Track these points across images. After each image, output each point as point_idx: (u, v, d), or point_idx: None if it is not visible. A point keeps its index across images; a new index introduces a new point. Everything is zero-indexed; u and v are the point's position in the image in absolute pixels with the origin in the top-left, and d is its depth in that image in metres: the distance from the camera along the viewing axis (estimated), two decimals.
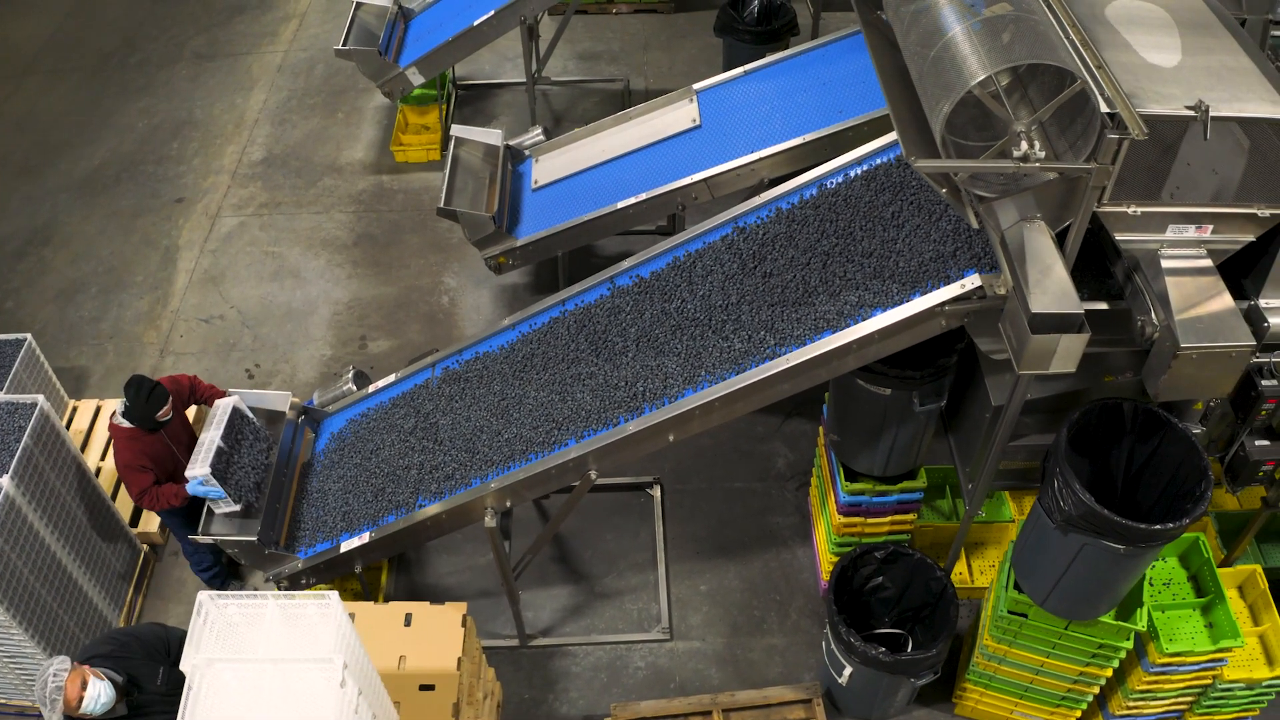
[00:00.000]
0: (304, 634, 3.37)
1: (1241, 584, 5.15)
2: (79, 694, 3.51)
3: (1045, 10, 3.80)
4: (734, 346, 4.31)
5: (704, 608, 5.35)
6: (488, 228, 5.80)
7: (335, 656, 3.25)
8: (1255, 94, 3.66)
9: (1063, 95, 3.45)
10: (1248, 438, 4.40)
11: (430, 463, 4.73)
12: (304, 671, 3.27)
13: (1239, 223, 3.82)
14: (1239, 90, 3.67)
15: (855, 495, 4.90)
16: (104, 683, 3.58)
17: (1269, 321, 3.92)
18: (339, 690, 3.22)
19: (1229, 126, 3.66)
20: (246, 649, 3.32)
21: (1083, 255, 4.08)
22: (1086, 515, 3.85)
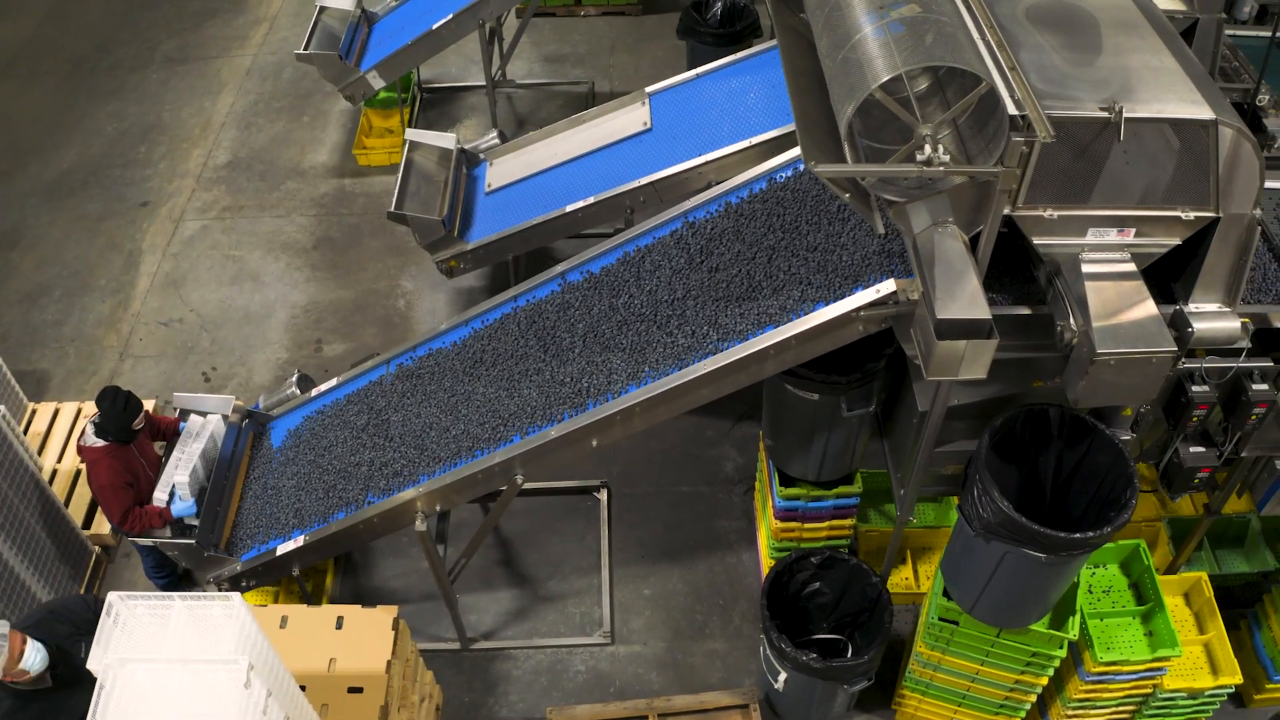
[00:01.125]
0: (210, 635, 3.38)
1: (1188, 591, 5.10)
2: (20, 649, 3.48)
3: (960, 11, 3.76)
4: (678, 342, 4.29)
5: (647, 612, 5.33)
6: (437, 231, 5.81)
7: (240, 658, 3.26)
8: (1174, 94, 3.62)
9: (969, 98, 3.43)
10: (1181, 444, 4.35)
11: (380, 459, 4.74)
12: (210, 672, 3.28)
13: (1163, 226, 3.78)
14: (1158, 91, 3.63)
15: (790, 500, 4.88)
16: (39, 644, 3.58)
17: (1193, 327, 3.86)
18: (244, 691, 3.23)
19: (1155, 127, 3.59)
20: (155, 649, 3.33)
21: (1013, 259, 4.06)
22: (1005, 523, 3.82)
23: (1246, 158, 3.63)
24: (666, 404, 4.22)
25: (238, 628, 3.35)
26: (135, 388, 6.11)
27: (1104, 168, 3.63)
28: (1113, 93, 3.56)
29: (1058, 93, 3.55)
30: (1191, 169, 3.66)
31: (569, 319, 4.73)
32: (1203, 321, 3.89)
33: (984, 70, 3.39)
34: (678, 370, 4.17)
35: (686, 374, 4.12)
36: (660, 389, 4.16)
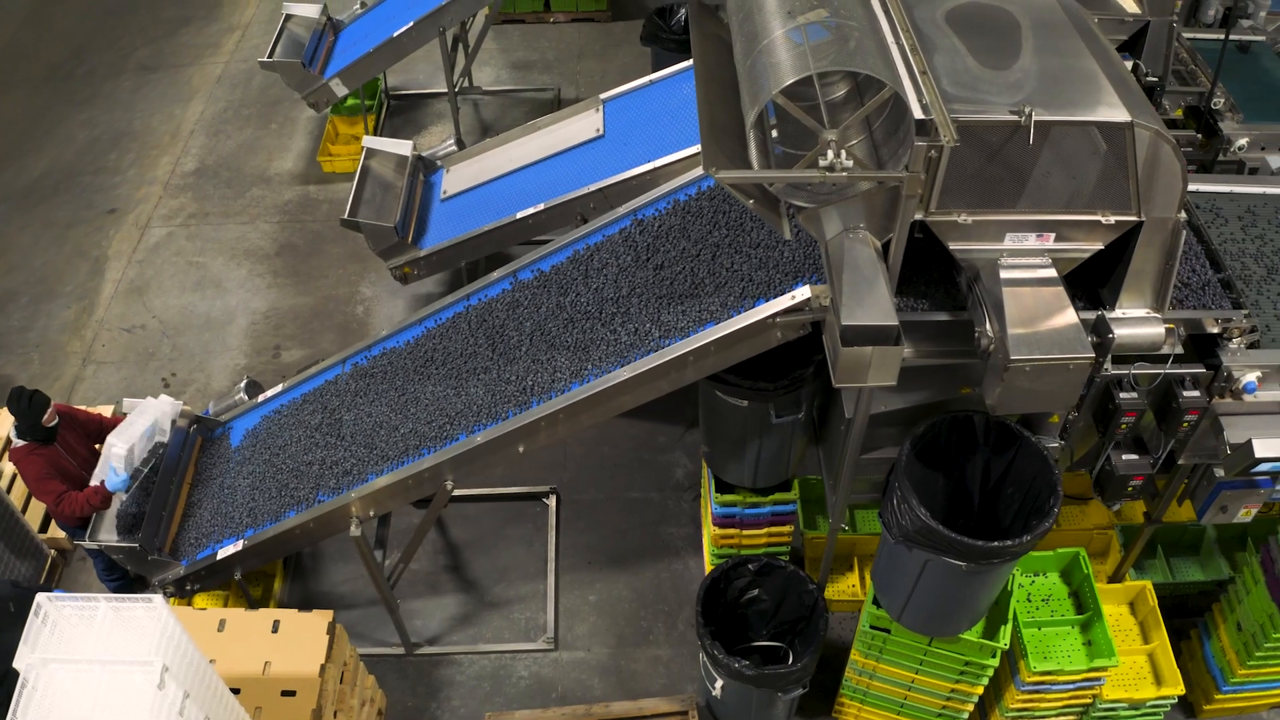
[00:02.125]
0: (132, 637, 3.41)
1: (1133, 600, 5.04)
2: None
3: (876, 15, 3.74)
4: (621, 339, 4.29)
5: (591, 618, 5.32)
6: (390, 238, 5.83)
7: (154, 658, 3.29)
8: (1090, 97, 3.58)
9: (872, 102, 3.42)
10: (1114, 451, 4.30)
11: (331, 458, 4.77)
12: (127, 673, 3.31)
13: (1083, 230, 3.74)
14: (1074, 93, 3.59)
15: (727, 507, 4.86)
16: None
17: (1114, 333, 3.83)
18: (157, 692, 3.26)
19: (1073, 130, 3.55)
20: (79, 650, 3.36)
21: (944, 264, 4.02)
22: (924, 531, 3.79)
23: (1166, 160, 3.60)
24: (588, 411, 4.22)
25: (158, 630, 3.38)
26: (96, 393, 6.21)
27: (1019, 172, 3.60)
28: (1026, 96, 3.53)
29: (969, 96, 3.52)
30: (1110, 172, 3.63)
31: (517, 317, 4.74)
32: (1124, 327, 3.85)
33: (889, 74, 3.36)
34: (619, 368, 4.15)
35: (605, 381, 4.12)
36: (580, 396, 4.16)
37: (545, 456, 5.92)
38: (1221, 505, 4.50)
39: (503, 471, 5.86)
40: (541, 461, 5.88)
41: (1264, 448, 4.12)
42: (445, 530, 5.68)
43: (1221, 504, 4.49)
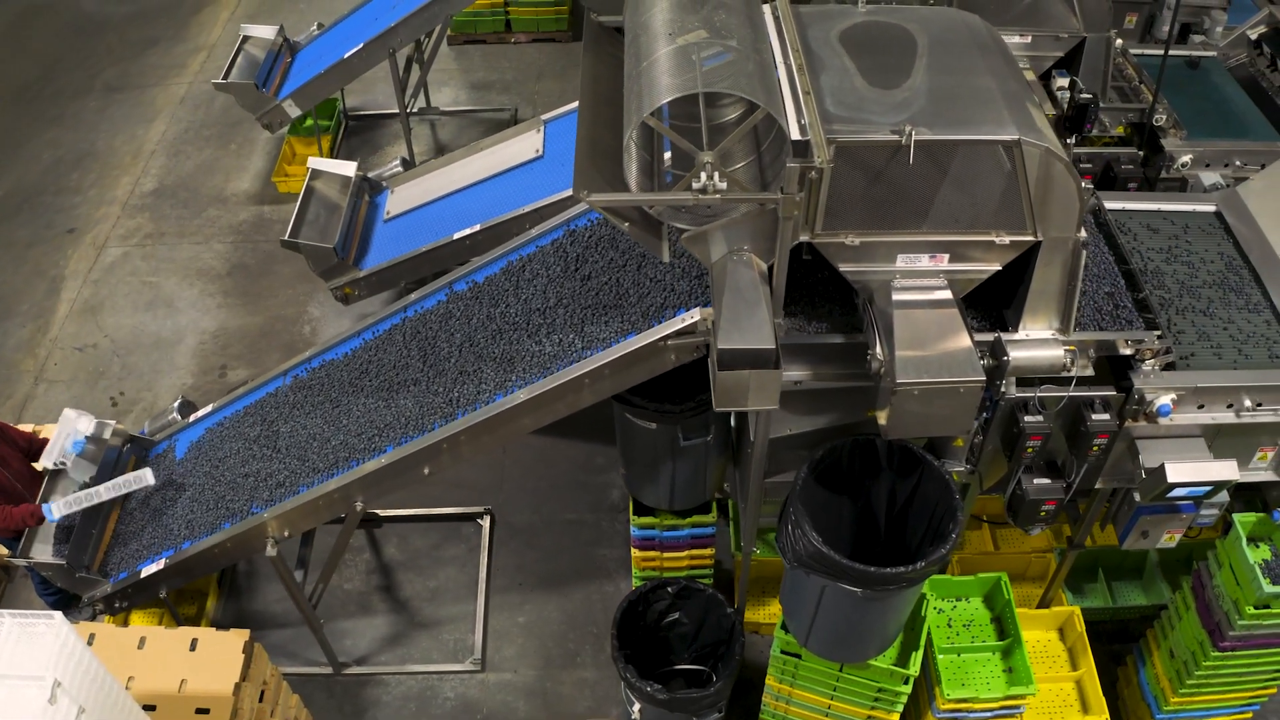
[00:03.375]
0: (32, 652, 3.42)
1: (1061, 626, 4.95)
2: None
3: (761, 35, 3.72)
4: (545, 350, 4.27)
5: (520, 639, 5.29)
6: (330, 259, 5.85)
7: (47, 674, 3.31)
8: (979, 115, 3.54)
9: (746, 124, 3.39)
10: (1024, 475, 4.23)
11: (266, 470, 4.77)
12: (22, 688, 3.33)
13: (978, 251, 3.70)
14: (963, 112, 3.56)
15: (645, 529, 4.81)
16: None
17: (1010, 355, 3.77)
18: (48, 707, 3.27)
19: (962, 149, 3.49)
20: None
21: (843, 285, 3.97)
22: (816, 557, 3.74)
23: (1060, 179, 3.55)
24: (489, 434, 4.20)
25: (56, 645, 3.39)
26: (46, 411, 6.26)
27: (906, 192, 3.55)
28: (911, 115, 3.50)
29: (852, 116, 3.50)
30: (1002, 192, 3.58)
31: (449, 329, 4.74)
32: (1021, 350, 3.80)
33: (764, 95, 3.33)
34: (542, 378, 4.13)
35: (503, 404, 4.11)
36: (481, 418, 4.15)
37: (482, 478, 5.91)
38: (1142, 530, 4.42)
39: (439, 492, 5.86)
40: (478, 483, 5.87)
41: (1177, 472, 4.05)
42: (379, 550, 5.67)
43: (1142, 529, 4.41)
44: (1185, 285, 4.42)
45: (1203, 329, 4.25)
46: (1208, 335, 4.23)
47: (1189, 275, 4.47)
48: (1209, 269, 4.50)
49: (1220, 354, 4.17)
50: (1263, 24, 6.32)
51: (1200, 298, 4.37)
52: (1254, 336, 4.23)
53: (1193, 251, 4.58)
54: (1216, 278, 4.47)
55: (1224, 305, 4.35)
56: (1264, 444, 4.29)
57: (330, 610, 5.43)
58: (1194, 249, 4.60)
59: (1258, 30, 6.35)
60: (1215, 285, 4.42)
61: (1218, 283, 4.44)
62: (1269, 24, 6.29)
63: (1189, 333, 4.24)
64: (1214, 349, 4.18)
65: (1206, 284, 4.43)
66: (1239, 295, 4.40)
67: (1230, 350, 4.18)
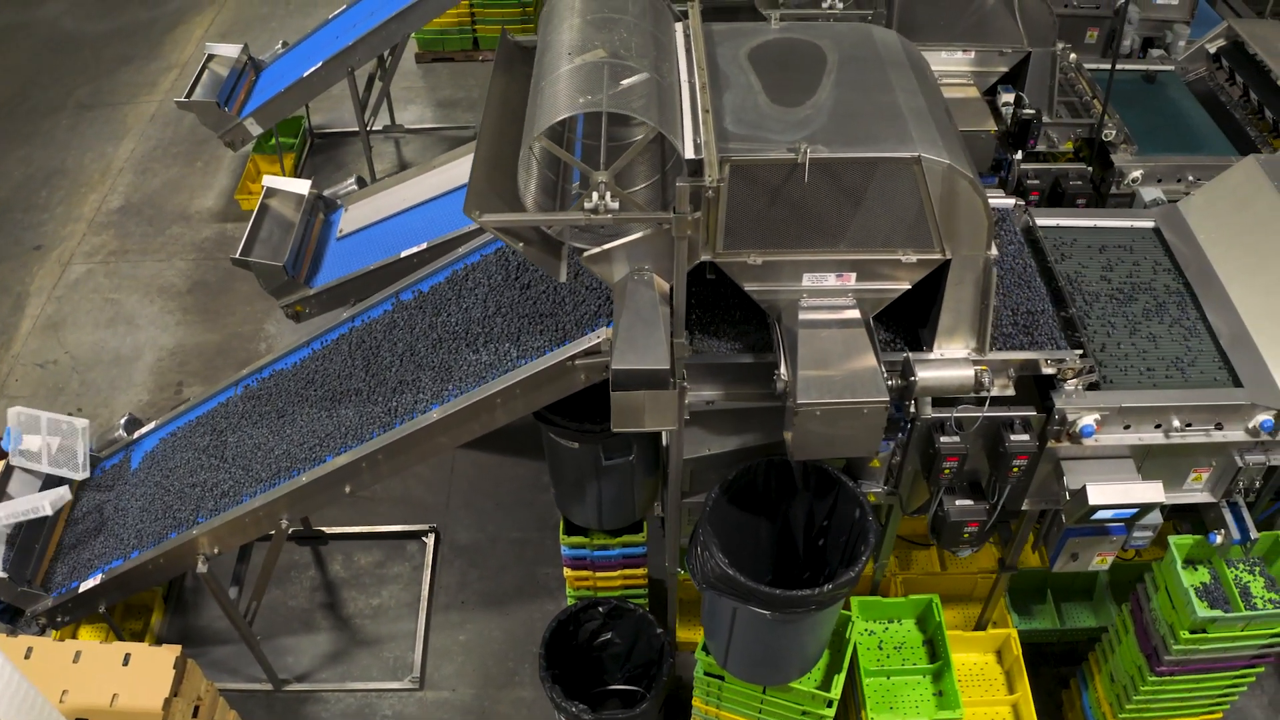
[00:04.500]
0: None
1: (999, 648, 4.88)
2: None
3: (666, 53, 3.71)
4: (482, 359, 4.25)
5: (459, 658, 5.27)
6: (280, 277, 5.86)
7: None
8: (881, 132, 3.50)
9: (638, 143, 3.37)
10: (946, 497, 4.18)
11: (212, 480, 4.78)
12: None
13: (885, 269, 3.66)
14: (865, 129, 3.52)
15: (576, 549, 4.78)
16: None
17: (917, 375, 3.72)
18: None
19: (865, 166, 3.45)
20: None
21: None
22: (724, 579, 3.70)
23: (965, 196, 3.51)
24: (405, 453, 4.19)
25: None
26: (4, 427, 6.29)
27: (807, 210, 3.52)
28: (810, 133, 3.47)
29: (750, 135, 3.47)
30: (906, 210, 3.54)
31: (393, 338, 4.74)
32: (929, 370, 3.74)
33: (655, 115, 3.32)
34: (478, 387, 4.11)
35: (417, 424, 4.09)
36: (396, 437, 4.14)
37: (429, 495, 5.91)
38: (1071, 553, 4.36)
39: (386, 509, 5.87)
40: (424, 500, 5.87)
41: (1099, 494, 3.98)
42: (324, 568, 5.67)
43: (1071, 551, 4.35)
44: (1118, 303, 4.36)
45: (1133, 348, 4.18)
46: (1138, 354, 4.16)
47: (1122, 293, 4.40)
48: (1144, 286, 4.44)
49: (1149, 373, 4.10)
50: (1222, 37, 6.26)
51: (1132, 316, 4.30)
52: (1186, 355, 4.16)
53: (1128, 269, 4.52)
54: (1151, 295, 4.40)
55: (1157, 323, 4.28)
56: (1198, 465, 4.21)
57: (274, 627, 5.43)
58: (1130, 266, 4.54)
59: (1216, 44, 6.28)
60: (1149, 303, 4.36)
61: (1152, 301, 4.37)
62: (1228, 37, 6.22)
63: (1118, 352, 4.17)
64: (1144, 368, 4.11)
65: (1140, 302, 4.36)
66: (1173, 313, 4.33)
67: (1160, 370, 4.11)
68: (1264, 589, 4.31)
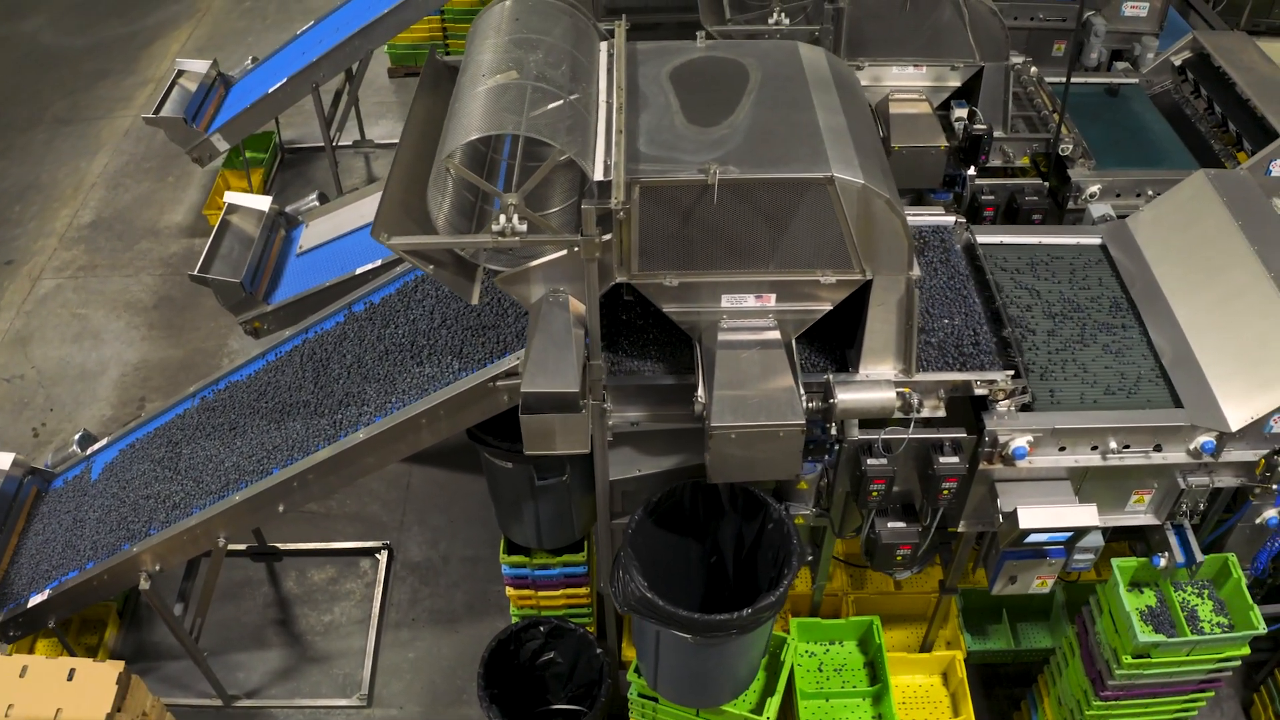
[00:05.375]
0: None
1: (945, 670, 4.82)
2: None
3: (584, 73, 3.68)
4: (425, 371, 4.24)
5: (408, 675, 5.25)
6: (237, 294, 5.87)
7: None
8: (796, 152, 3.46)
9: (545, 165, 3.35)
10: (879, 519, 4.13)
11: (164, 491, 4.79)
12: None
13: (805, 290, 3.63)
14: (779, 149, 3.48)
15: (517, 568, 4.75)
16: None
17: (837, 398, 3.68)
18: None
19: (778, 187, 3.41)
20: None
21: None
22: (643, 602, 3.67)
23: (881, 216, 3.48)
24: (335, 473, 4.18)
25: None
26: None
27: (722, 231, 3.49)
28: (724, 153, 3.44)
29: (663, 156, 3.45)
30: (823, 230, 3.50)
31: (342, 350, 4.74)
32: (849, 391, 3.71)
33: (563, 137, 3.30)
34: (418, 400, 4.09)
35: (345, 444, 4.09)
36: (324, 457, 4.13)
37: (384, 513, 5.91)
38: (1010, 575, 4.30)
39: (341, 525, 5.87)
40: (378, 517, 5.87)
41: (1030, 517, 3.94)
42: (278, 584, 5.67)
43: (1009, 574, 4.29)
44: (1058, 322, 4.31)
45: (1071, 368, 4.13)
46: (1076, 374, 4.11)
47: (1063, 312, 4.35)
48: (1086, 305, 4.38)
49: (1087, 394, 4.05)
50: (1187, 49, 6.18)
51: (1072, 335, 4.25)
52: (1125, 376, 4.11)
53: (1070, 287, 4.47)
54: (1093, 314, 4.35)
55: (1097, 343, 4.23)
56: (1139, 487, 4.16)
57: (226, 643, 5.44)
58: (1072, 284, 4.49)
59: (1182, 56, 6.21)
60: (1090, 322, 4.31)
61: (1093, 319, 4.32)
62: (1193, 50, 6.15)
63: (1055, 372, 4.12)
64: (1081, 389, 4.06)
65: (1081, 321, 4.31)
66: (1114, 332, 4.28)
67: (1098, 390, 4.06)
68: (1212, 612, 4.25)
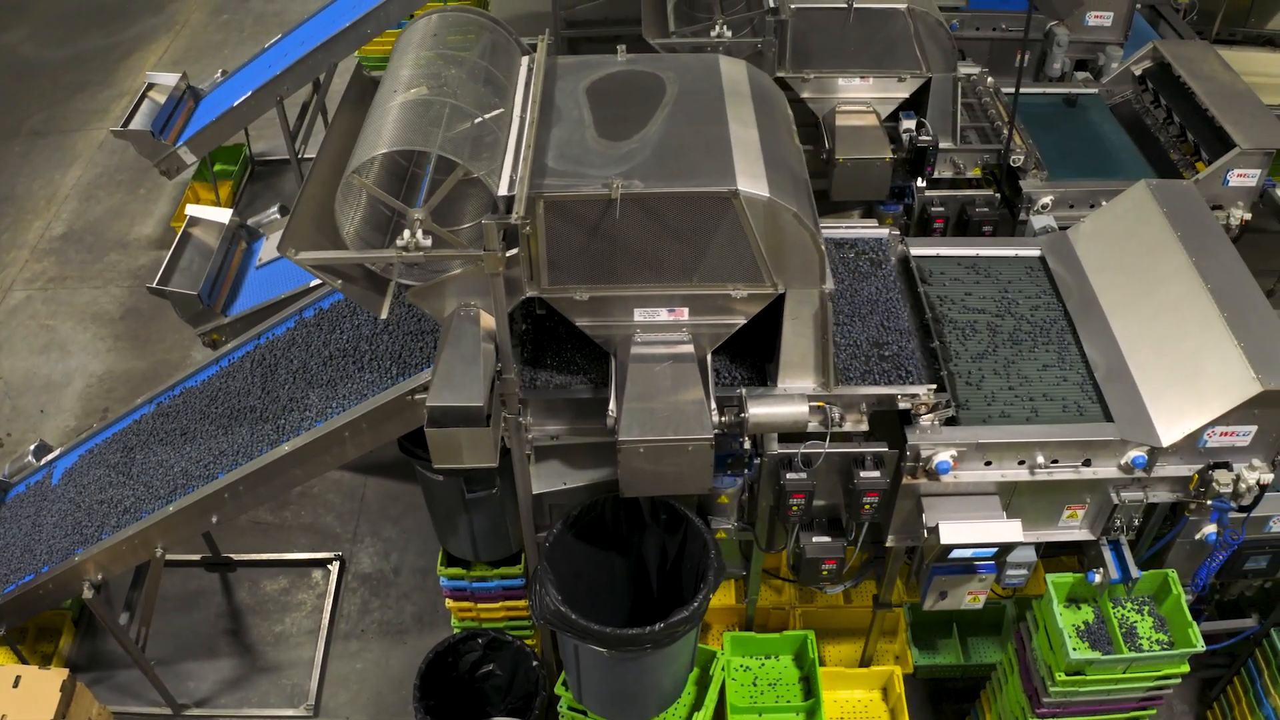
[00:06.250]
0: None
1: (885, 685, 4.79)
2: None
3: (499, 88, 3.70)
4: (365, 377, 4.26)
5: (355, 686, 5.27)
6: (195, 306, 5.92)
7: None
8: (703, 166, 3.45)
9: (449, 181, 3.36)
10: (804, 534, 4.12)
11: (117, 496, 4.83)
12: None
13: (716, 304, 3.63)
14: (687, 164, 3.48)
15: (455, 580, 4.76)
16: None
17: (748, 412, 3.67)
18: None
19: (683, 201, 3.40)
20: None
21: None
22: (558, 616, 3.67)
23: (790, 229, 3.48)
24: (265, 484, 4.21)
25: None
26: None
27: (630, 245, 3.49)
28: (631, 168, 3.44)
29: (570, 170, 3.45)
30: (731, 244, 3.49)
31: (290, 356, 4.77)
32: (760, 406, 3.69)
33: (466, 152, 3.32)
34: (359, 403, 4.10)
35: (269, 457, 4.11)
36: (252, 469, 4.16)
37: (337, 524, 5.93)
38: (939, 591, 4.28)
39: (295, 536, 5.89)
40: (333, 529, 5.90)
41: (951, 533, 3.92)
42: (231, 594, 5.70)
43: (939, 589, 4.27)
44: (990, 335, 4.29)
45: (1001, 381, 4.12)
46: (1006, 388, 4.10)
47: (995, 324, 4.33)
48: (1020, 317, 4.37)
49: (1015, 408, 4.03)
50: (1148, 59, 6.15)
51: (1003, 348, 4.23)
52: (1056, 389, 4.09)
53: (1005, 299, 4.44)
54: (1026, 327, 4.33)
55: (1029, 356, 4.21)
56: (1071, 502, 4.13)
57: (179, 652, 5.47)
58: (1007, 296, 4.46)
59: (1142, 66, 6.17)
60: (1023, 335, 4.29)
61: (1026, 332, 4.30)
62: (1154, 59, 6.11)
63: (985, 385, 4.11)
64: (1010, 402, 4.04)
65: (1014, 333, 4.29)
66: (1047, 345, 4.26)
67: (1027, 404, 4.04)
68: (1152, 629, 4.21)
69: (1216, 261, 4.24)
